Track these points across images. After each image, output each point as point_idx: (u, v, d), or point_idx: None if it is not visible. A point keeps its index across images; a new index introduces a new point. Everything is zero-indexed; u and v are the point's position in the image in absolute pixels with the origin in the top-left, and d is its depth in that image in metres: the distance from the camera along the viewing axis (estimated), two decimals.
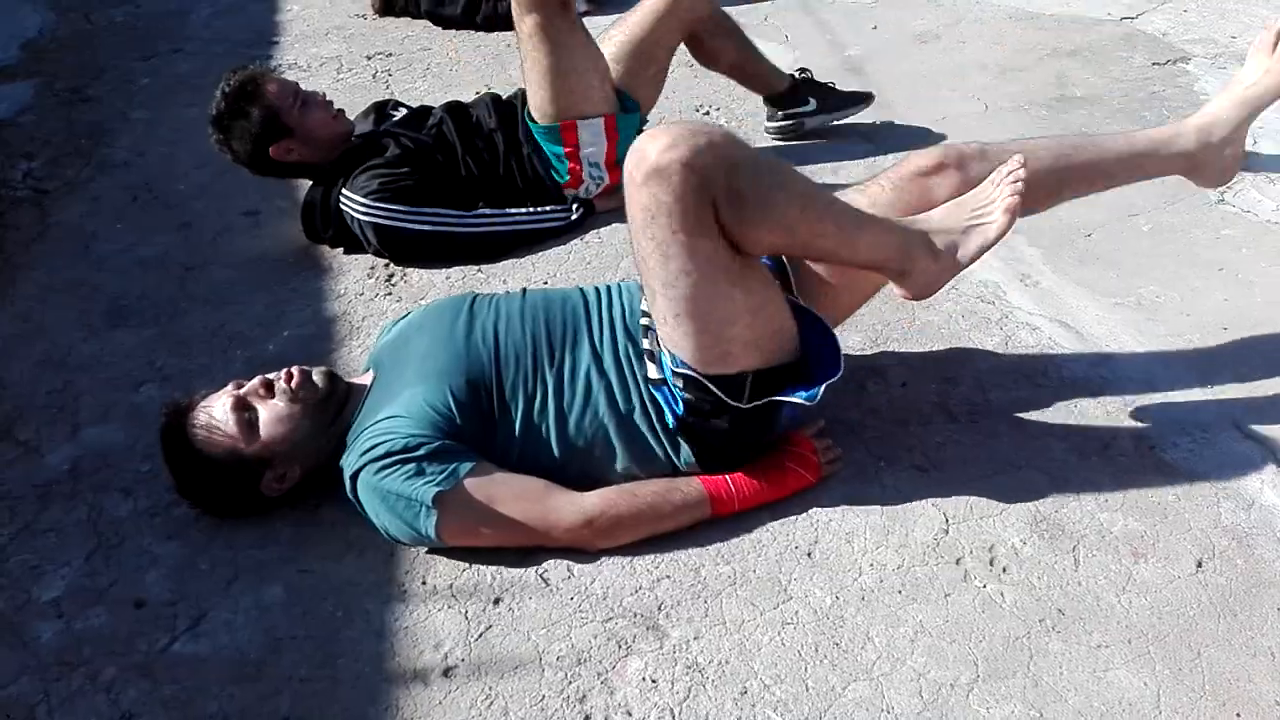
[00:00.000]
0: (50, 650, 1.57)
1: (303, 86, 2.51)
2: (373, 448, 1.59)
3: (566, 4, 2.39)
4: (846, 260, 1.67)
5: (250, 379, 1.74)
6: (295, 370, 1.73)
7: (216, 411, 1.70)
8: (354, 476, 1.61)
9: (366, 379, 1.79)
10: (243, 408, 1.69)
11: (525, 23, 2.38)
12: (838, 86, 2.88)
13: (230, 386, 1.73)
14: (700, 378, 1.58)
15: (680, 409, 1.63)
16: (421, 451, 1.57)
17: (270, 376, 1.73)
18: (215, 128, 2.42)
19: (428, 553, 1.66)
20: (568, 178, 2.53)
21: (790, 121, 2.85)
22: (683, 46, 2.74)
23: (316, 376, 1.74)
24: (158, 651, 1.56)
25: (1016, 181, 1.60)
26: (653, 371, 1.65)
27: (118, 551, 1.74)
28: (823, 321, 1.68)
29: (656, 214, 1.46)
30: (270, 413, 1.69)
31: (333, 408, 1.73)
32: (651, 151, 1.44)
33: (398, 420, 1.61)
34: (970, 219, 1.63)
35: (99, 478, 1.90)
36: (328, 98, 2.53)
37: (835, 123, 2.87)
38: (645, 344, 1.67)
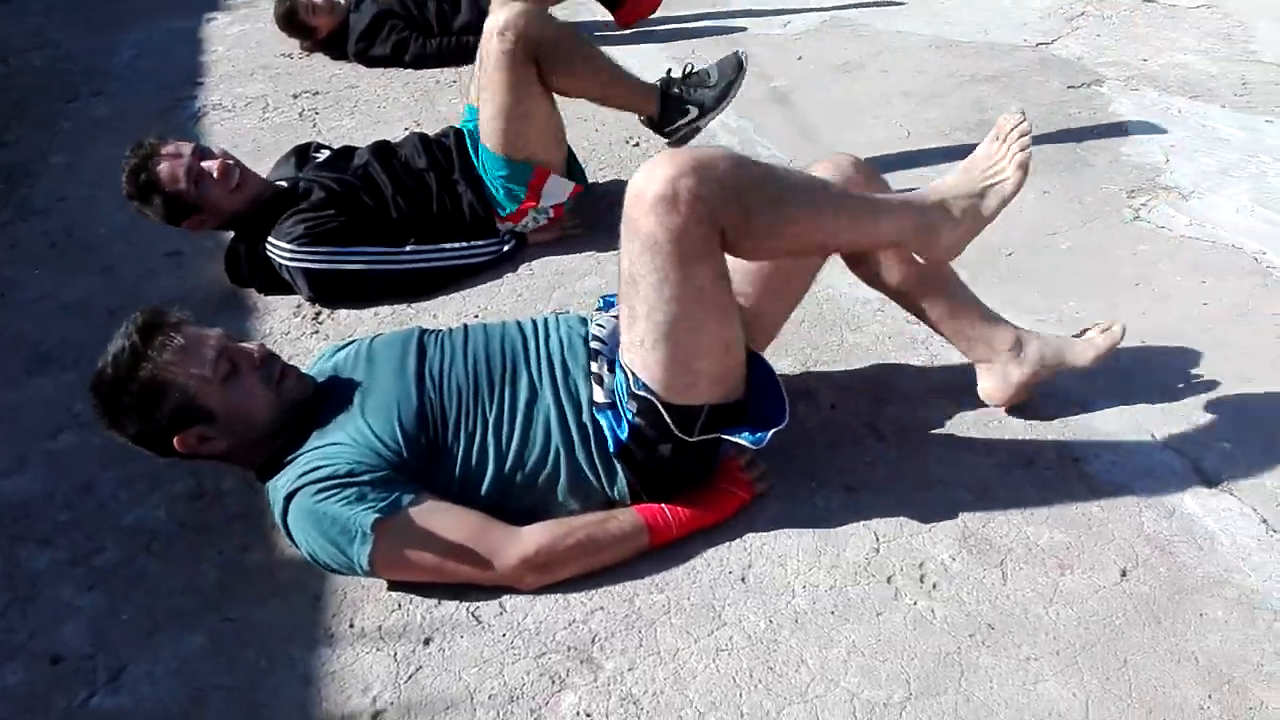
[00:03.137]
0: None
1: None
2: (314, 469, 1.55)
3: (529, 49, 2.35)
4: (866, 248, 1.69)
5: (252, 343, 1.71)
6: (290, 366, 1.70)
7: (203, 343, 1.62)
8: (289, 496, 1.55)
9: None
10: (228, 357, 1.63)
11: (492, 55, 2.35)
12: (697, 66, 2.68)
13: (222, 331, 1.67)
14: (659, 404, 1.57)
15: (624, 434, 1.62)
16: (365, 478, 1.54)
17: (269, 354, 1.69)
18: (130, 199, 2.39)
19: (356, 595, 1.63)
20: (511, 211, 2.52)
21: (683, 134, 2.68)
22: None
23: (299, 382, 1.70)
24: (76, 707, 1.51)
25: (1023, 135, 1.61)
26: (599, 395, 1.64)
27: (34, 604, 1.68)
28: (767, 365, 1.69)
29: (661, 241, 1.45)
30: (247, 382, 1.64)
31: (295, 417, 1.66)
32: (658, 177, 1.43)
33: (343, 447, 1.58)
34: (985, 179, 1.63)
35: (16, 529, 1.84)
36: (227, 162, 2.41)
37: (728, 107, 2.69)
38: (593, 366, 1.66)
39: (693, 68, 2.67)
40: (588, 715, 1.43)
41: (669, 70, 2.69)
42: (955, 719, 1.37)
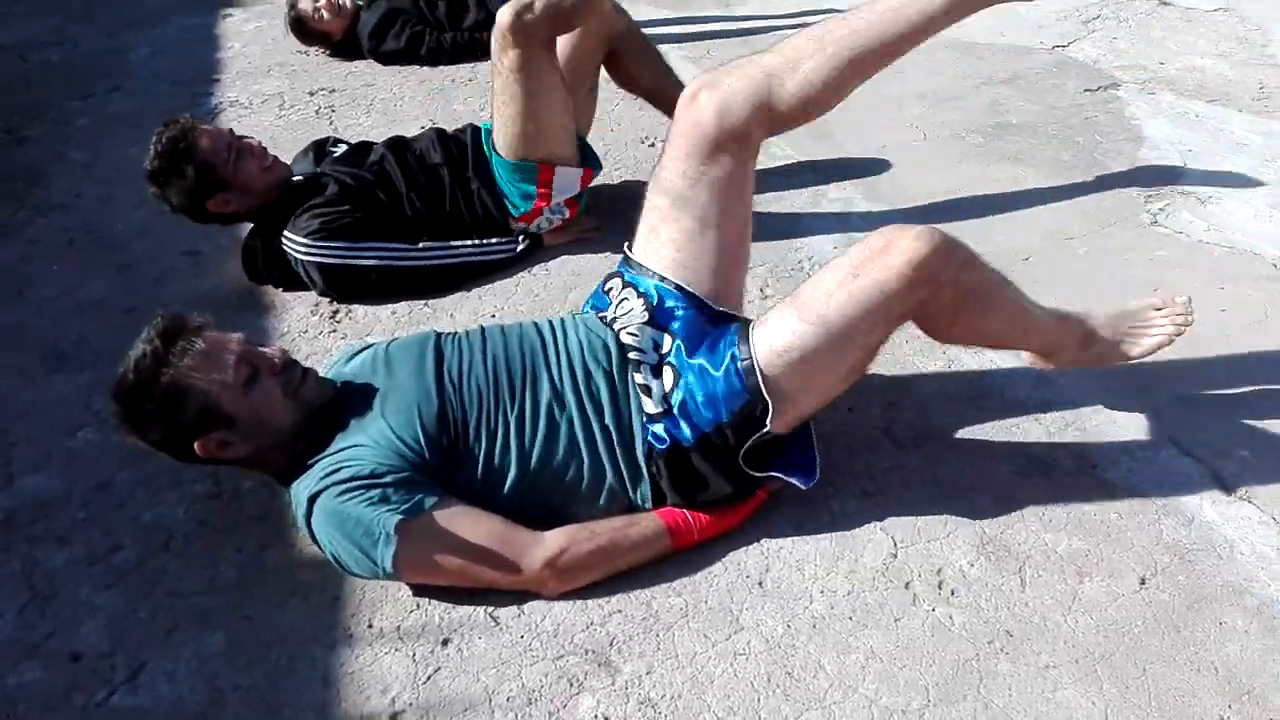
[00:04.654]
0: None
1: (241, 126, 2.49)
2: (336, 470, 1.56)
3: (550, 42, 2.38)
4: (1011, 347, 1.85)
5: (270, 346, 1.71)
6: (309, 370, 1.71)
7: (224, 348, 1.62)
8: (312, 498, 1.55)
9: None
10: (249, 362, 1.63)
11: (506, 58, 2.35)
12: None
13: (242, 335, 1.67)
14: (760, 416, 1.59)
15: (690, 436, 1.62)
16: (388, 479, 1.54)
17: (289, 359, 1.69)
18: (152, 183, 2.37)
19: (374, 595, 1.64)
20: (524, 211, 2.52)
21: None
22: None
23: (319, 385, 1.70)
24: (94, 706, 1.51)
25: (1180, 327, 1.76)
26: (649, 406, 1.64)
27: (53, 603, 1.69)
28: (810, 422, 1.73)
29: (888, 293, 1.53)
30: (267, 387, 1.64)
31: (316, 421, 1.66)
32: (927, 249, 1.51)
33: (365, 449, 1.58)
34: (1127, 332, 1.77)
35: (35, 528, 1.85)
36: (261, 144, 2.48)
37: None
38: (638, 378, 1.66)
39: None
40: (605, 718, 1.43)
41: None
42: None
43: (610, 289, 1.82)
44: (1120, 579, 1.57)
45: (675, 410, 1.63)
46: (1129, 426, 1.86)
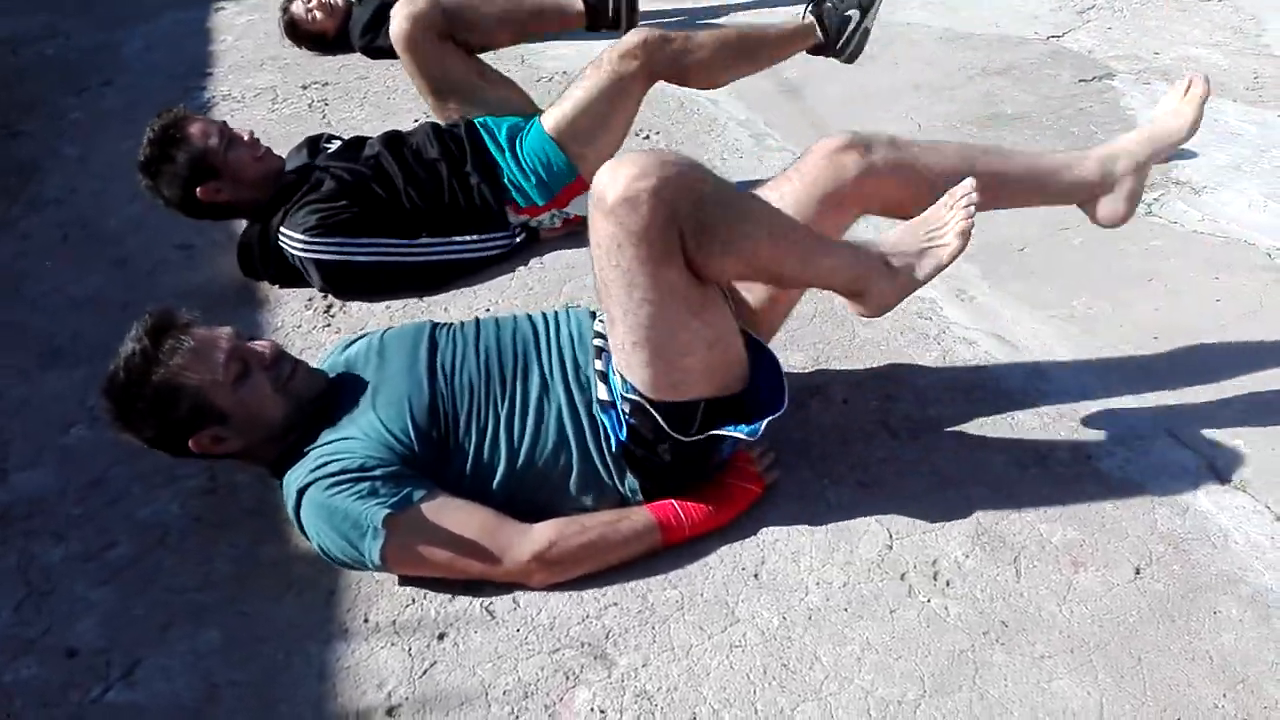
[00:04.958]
0: None
1: (234, 120, 2.49)
2: (325, 463, 1.56)
3: (653, 79, 2.48)
4: (803, 284, 1.71)
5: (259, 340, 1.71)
6: (300, 362, 1.71)
7: (214, 345, 1.61)
8: (301, 491, 1.56)
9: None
10: (239, 358, 1.63)
11: (621, 63, 2.44)
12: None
13: (232, 330, 1.66)
14: (648, 405, 1.57)
15: (623, 434, 1.62)
16: (377, 473, 1.54)
17: (279, 352, 1.69)
18: (144, 173, 2.38)
19: (370, 590, 1.64)
20: (535, 205, 2.53)
21: (851, 50, 2.69)
22: None
23: (310, 378, 1.70)
24: (90, 702, 1.51)
25: (969, 205, 1.62)
26: (602, 393, 1.64)
27: (49, 599, 1.69)
28: (771, 353, 1.69)
29: (623, 243, 1.44)
30: (258, 381, 1.63)
31: (307, 414, 1.66)
32: (620, 179, 1.42)
33: (355, 441, 1.58)
34: (925, 241, 1.65)
35: (30, 524, 1.85)
36: (254, 135, 2.49)
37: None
38: (598, 365, 1.66)
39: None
40: (602, 712, 1.43)
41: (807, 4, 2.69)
42: (970, 717, 1.38)
43: None
44: (1115, 569, 1.57)
45: (616, 399, 1.63)
46: (1124, 417, 1.86)
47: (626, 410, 1.60)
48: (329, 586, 1.65)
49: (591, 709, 1.44)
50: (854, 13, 2.65)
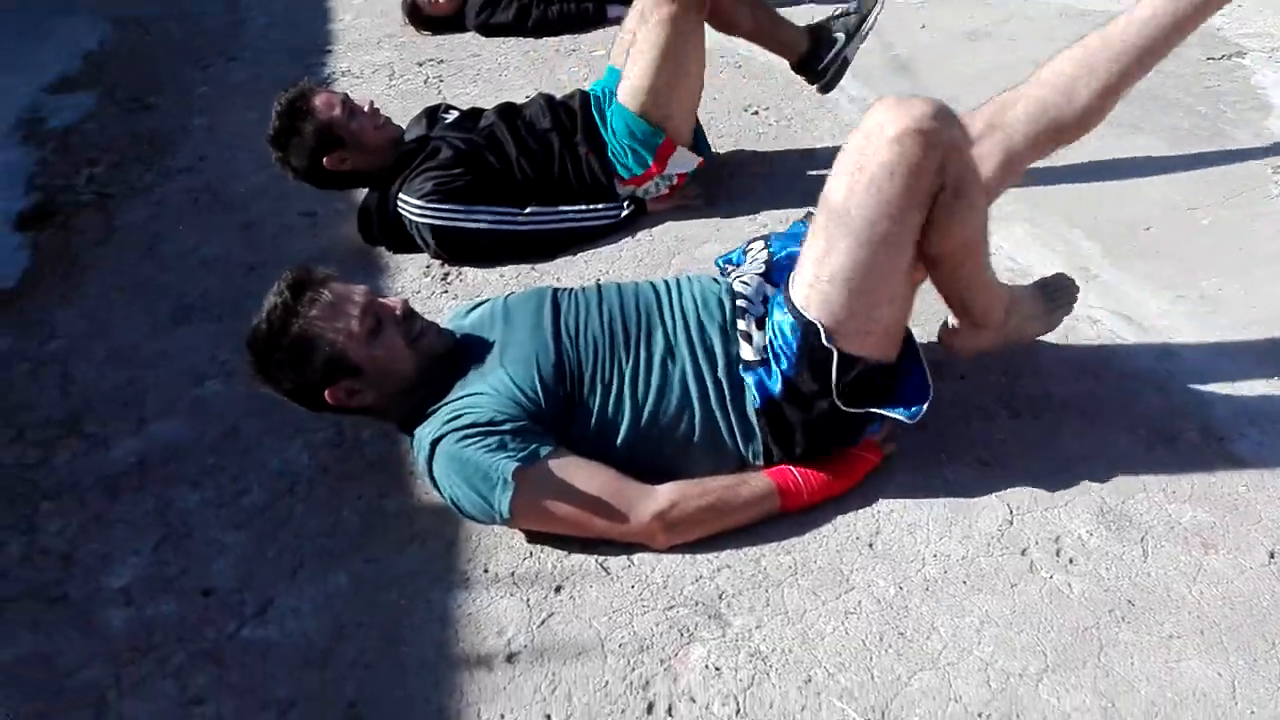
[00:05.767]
0: (120, 636, 1.60)
1: (353, 94, 2.56)
2: (457, 417, 1.60)
3: (703, 8, 2.40)
4: (964, 285, 1.67)
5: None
6: (429, 321, 1.75)
7: (349, 299, 1.67)
8: (434, 443, 1.60)
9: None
10: (373, 313, 1.68)
11: (661, 9, 2.36)
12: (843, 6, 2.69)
13: (366, 287, 1.72)
14: (833, 347, 1.55)
15: (777, 387, 1.62)
16: (506, 427, 1.58)
17: (410, 310, 1.74)
18: (274, 146, 2.48)
19: (489, 542, 1.68)
20: (635, 175, 2.54)
21: (829, 77, 2.68)
22: None
23: (439, 336, 1.75)
24: (225, 638, 1.59)
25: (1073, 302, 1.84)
26: (747, 352, 1.64)
27: (186, 541, 1.77)
28: (913, 337, 1.69)
29: (897, 172, 1.45)
30: (390, 336, 1.68)
31: (437, 370, 1.71)
32: (915, 112, 1.43)
33: (484, 396, 1.62)
34: (1043, 307, 1.82)
35: (166, 470, 1.94)
36: (374, 105, 2.56)
37: (868, 31, 2.67)
38: (741, 324, 1.67)
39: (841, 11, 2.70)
40: (717, 669, 1.45)
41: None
42: (1094, 692, 1.35)
43: (751, 248, 1.86)
44: (1248, 552, 1.52)
45: (770, 355, 1.63)
46: (1256, 399, 1.80)
47: (792, 358, 1.59)
48: (450, 538, 1.70)
49: (706, 665, 1.45)
50: (840, 35, 2.64)
